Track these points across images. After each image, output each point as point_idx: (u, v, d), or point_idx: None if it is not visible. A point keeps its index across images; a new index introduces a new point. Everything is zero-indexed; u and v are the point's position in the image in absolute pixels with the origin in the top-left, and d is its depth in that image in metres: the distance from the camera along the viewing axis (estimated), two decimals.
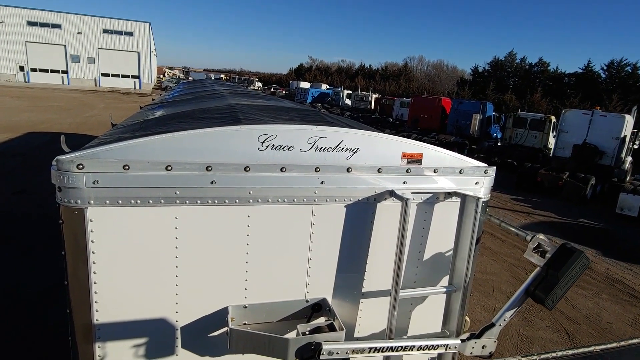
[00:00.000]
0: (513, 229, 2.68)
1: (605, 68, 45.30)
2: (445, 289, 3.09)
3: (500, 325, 2.25)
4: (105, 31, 57.03)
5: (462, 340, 2.20)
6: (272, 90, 67.18)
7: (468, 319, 3.39)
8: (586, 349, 1.62)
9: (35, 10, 53.38)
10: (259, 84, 78.79)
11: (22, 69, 53.69)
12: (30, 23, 52.89)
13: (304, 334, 2.41)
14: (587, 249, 10.32)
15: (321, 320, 2.74)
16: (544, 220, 12.60)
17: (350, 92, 48.19)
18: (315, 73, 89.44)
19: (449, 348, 2.16)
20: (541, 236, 2.35)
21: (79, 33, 55.30)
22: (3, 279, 6.34)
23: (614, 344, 1.63)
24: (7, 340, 4.92)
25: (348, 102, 45.90)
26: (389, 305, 2.75)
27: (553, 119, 20.68)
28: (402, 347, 2.01)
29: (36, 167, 12.70)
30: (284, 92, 65.22)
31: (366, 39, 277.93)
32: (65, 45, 55.07)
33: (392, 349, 2.00)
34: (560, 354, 1.64)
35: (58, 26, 54.28)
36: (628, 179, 16.98)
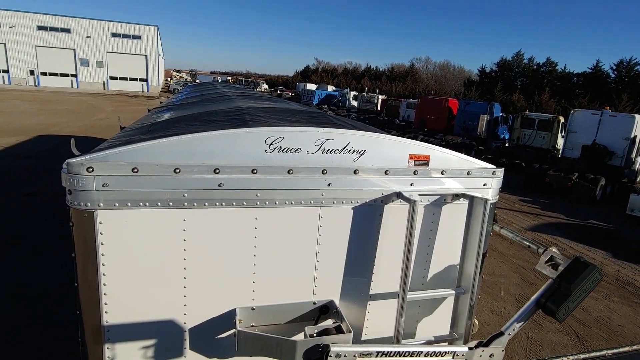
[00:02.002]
0: (525, 242, 2.70)
1: (614, 67, 44.81)
2: (453, 292, 3.07)
3: (509, 334, 2.24)
4: (114, 35, 57.60)
5: (470, 348, 2.19)
6: (278, 92, 67.35)
7: (476, 321, 3.37)
8: (598, 353, 1.60)
9: (45, 15, 54.10)
10: (266, 86, 79.01)
11: (32, 72, 54.40)
12: (40, 27, 53.60)
13: (311, 336, 2.41)
14: (596, 250, 10.20)
15: (329, 323, 2.74)
16: (552, 222, 12.47)
17: (357, 93, 48.14)
18: (322, 75, 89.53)
19: (457, 355, 2.15)
20: (554, 249, 2.37)
21: (87, 37, 55.92)
22: (12, 279, 6.42)
23: (626, 348, 1.61)
24: (15, 340, 4.98)
25: (354, 103, 45.87)
26: (397, 307, 2.74)
27: (561, 119, 20.47)
28: (409, 352, 2.00)
29: (46, 170, 12.84)
30: (290, 94, 65.34)
31: (372, 40, 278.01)
32: (74, 49, 55.72)
33: (399, 354, 1.99)
34: (571, 358, 1.63)
35: (67, 30, 54.94)
36: (639, 179, 16.75)
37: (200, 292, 2.53)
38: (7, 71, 53.20)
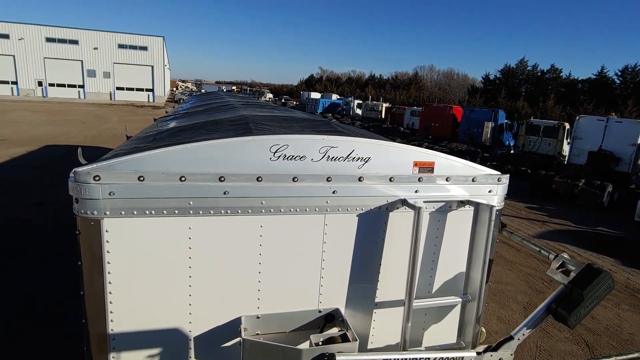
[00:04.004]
0: (536, 248, 2.69)
1: (619, 73, 44.68)
2: (459, 299, 3.05)
3: (518, 339, 2.21)
4: (121, 46, 58.42)
5: (478, 353, 2.16)
6: (283, 101, 67.70)
7: (484, 329, 3.33)
8: None
9: (54, 27, 55.03)
10: (270, 95, 79.41)
11: (40, 84, 55.21)
12: (48, 39, 54.50)
13: (317, 344, 2.39)
14: (605, 257, 10.07)
15: (334, 331, 2.71)
16: (560, 229, 12.35)
17: (361, 101, 48.29)
18: (326, 83, 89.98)
19: None
20: (565, 255, 2.37)
21: (95, 48, 56.78)
22: (20, 287, 6.45)
23: (636, 354, 1.58)
24: (22, 347, 4.98)
25: (358, 111, 45.98)
26: (403, 315, 2.72)
27: (567, 125, 20.39)
28: (416, 359, 1.98)
29: (54, 179, 12.97)
30: (294, 103, 65.68)
31: (376, 49, 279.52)
32: (82, 61, 56.55)
33: None
34: None
35: (75, 42, 55.82)
36: None
37: (205, 300, 2.53)
38: (15, 82, 54.04)
